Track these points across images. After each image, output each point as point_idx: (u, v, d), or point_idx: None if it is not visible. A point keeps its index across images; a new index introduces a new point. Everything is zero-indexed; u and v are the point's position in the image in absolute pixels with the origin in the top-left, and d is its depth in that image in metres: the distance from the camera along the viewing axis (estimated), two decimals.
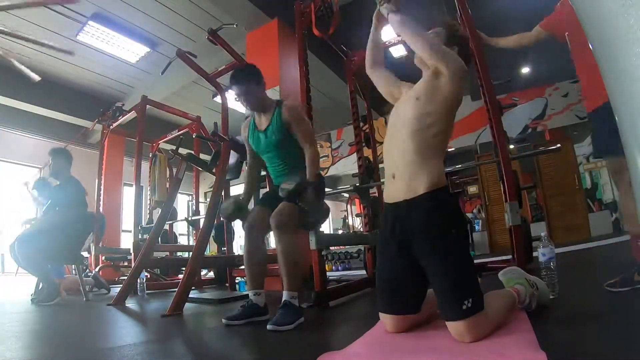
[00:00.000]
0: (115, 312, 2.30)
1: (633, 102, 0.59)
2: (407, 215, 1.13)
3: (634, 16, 0.54)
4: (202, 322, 1.97)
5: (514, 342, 0.98)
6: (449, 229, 1.09)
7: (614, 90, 0.65)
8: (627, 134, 0.63)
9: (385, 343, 1.12)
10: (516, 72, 6.66)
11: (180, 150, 2.88)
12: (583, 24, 0.71)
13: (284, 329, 1.45)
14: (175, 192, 3.09)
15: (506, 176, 2.37)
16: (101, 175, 4.74)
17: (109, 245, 5.10)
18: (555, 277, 1.54)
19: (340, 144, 7.85)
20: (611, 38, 0.61)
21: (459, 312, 1.00)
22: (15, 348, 1.37)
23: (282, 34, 4.21)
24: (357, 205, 7.59)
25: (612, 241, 4.73)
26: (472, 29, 2.50)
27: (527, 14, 5.02)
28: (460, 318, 1.00)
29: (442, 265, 1.07)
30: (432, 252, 1.08)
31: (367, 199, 3.06)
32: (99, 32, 4.86)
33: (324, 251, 2.15)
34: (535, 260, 1.82)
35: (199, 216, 4.36)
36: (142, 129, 4.03)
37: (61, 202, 3.03)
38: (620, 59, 0.60)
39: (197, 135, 3.16)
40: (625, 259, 1.90)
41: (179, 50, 2.84)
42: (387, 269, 1.21)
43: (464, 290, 1.03)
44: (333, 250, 6.42)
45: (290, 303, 1.57)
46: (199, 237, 2.39)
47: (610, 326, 1.09)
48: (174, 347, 1.38)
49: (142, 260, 2.72)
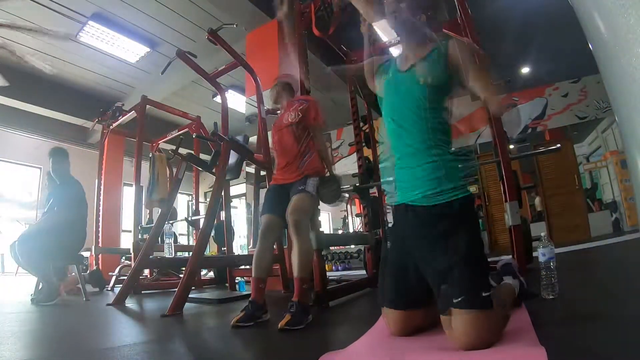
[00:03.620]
0: (115, 312, 2.30)
1: (633, 102, 0.59)
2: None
3: (634, 16, 0.54)
4: (202, 322, 1.97)
5: (514, 337, 0.98)
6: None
7: (614, 90, 0.65)
8: (627, 134, 0.63)
9: (385, 342, 1.12)
10: (516, 72, 6.66)
11: (180, 150, 2.89)
12: (583, 24, 0.71)
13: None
14: (175, 192, 3.09)
15: (506, 176, 2.37)
16: (101, 175, 4.73)
17: (109, 246, 5.10)
18: (555, 277, 1.54)
19: (340, 144, 7.85)
20: (611, 38, 0.61)
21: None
22: (15, 348, 1.37)
23: (282, 34, 4.21)
24: (357, 205, 7.58)
25: (612, 241, 4.74)
26: (472, 29, 2.50)
27: (526, 14, 5.05)
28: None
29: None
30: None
31: (367, 199, 3.06)
32: (99, 32, 4.87)
33: (324, 251, 2.15)
34: (535, 261, 1.82)
35: (199, 216, 4.36)
36: (142, 129, 4.03)
37: (61, 202, 3.03)
38: (620, 59, 0.60)
39: (197, 135, 3.15)
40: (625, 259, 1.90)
41: (179, 50, 2.84)
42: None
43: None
44: (333, 250, 6.42)
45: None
46: (199, 237, 2.39)
47: (610, 326, 1.09)
48: (174, 347, 1.38)
49: (142, 260, 2.72)
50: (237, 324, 1.59)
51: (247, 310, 1.64)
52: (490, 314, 0.99)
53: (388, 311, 1.20)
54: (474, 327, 0.97)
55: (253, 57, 4.08)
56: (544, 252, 1.55)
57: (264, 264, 1.77)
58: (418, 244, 1.14)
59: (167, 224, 3.42)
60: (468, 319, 0.98)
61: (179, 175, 2.85)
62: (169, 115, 5.42)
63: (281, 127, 1.97)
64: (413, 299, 1.16)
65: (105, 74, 5.97)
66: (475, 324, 0.97)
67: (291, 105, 2.00)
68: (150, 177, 4.30)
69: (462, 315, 0.99)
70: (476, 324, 0.97)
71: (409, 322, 1.17)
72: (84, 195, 3.16)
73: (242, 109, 5.04)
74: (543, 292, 1.54)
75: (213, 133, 2.44)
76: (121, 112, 4.52)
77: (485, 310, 0.98)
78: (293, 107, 1.97)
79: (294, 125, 1.90)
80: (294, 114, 1.92)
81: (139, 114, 4.09)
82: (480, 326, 0.97)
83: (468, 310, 0.99)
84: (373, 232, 2.99)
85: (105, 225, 4.63)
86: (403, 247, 1.20)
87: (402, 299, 1.17)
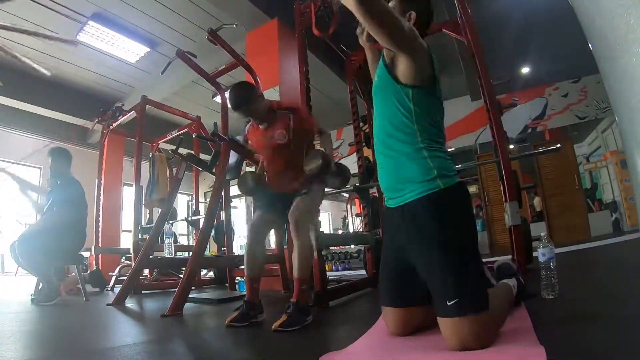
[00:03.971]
0: (115, 312, 2.30)
1: (633, 102, 0.59)
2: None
3: (634, 16, 0.54)
4: (202, 322, 1.97)
5: (513, 336, 0.98)
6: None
7: (614, 90, 0.65)
8: (626, 133, 0.63)
9: (385, 342, 1.12)
10: (516, 72, 6.67)
11: (180, 150, 2.88)
12: (583, 24, 0.71)
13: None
14: (175, 192, 3.08)
15: (506, 176, 2.37)
16: (101, 175, 4.73)
17: (109, 246, 5.10)
18: (555, 277, 1.54)
19: (340, 144, 7.86)
20: (611, 38, 0.61)
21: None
22: (15, 348, 1.37)
23: (282, 34, 4.21)
24: (357, 205, 7.59)
25: (612, 241, 4.74)
26: (472, 29, 2.50)
27: (527, 14, 5.05)
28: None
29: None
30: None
31: (367, 199, 3.06)
32: (99, 32, 4.87)
33: (324, 251, 2.15)
34: (535, 261, 1.82)
35: (199, 216, 4.36)
36: (142, 129, 4.03)
37: (61, 202, 3.03)
38: (620, 59, 0.60)
39: (197, 135, 3.15)
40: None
41: (179, 50, 2.83)
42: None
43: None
44: (333, 250, 6.42)
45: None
46: (199, 237, 2.39)
47: (610, 326, 1.09)
48: (174, 347, 1.38)
49: (142, 260, 2.72)
50: (231, 324, 1.59)
51: (242, 310, 1.64)
52: (483, 316, 0.96)
53: (387, 310, 1.18)
54: (468, 331, 0.95)
55: (253, 57, 4.08)
56: (544, 252, 1.55)
57: (256, 262, 1.75)
58: (404, 244, 1.13)
59: (167, 224, 3.42)
60: (459, 323, 0.96)
61: (179, 175, 2.85)
62: (169, 115, 5.42)
63: (271, 147, 1.84)
64: (411, 297, 1.14)
65: (105, 73, 5.97)
66: (468, 329, 0.95)
67: (276, 120, 1.83)
68: (150, 177, 4.30)
69: (454, 320, 0.96)
70: (469, 328, 0.95)
71: (408, 321, 1.15)
72: (83, 195, 3.16)
73: None
74: (543, 292, 1.54)
75: (213, 133, 2.44)
76: (121, 112, 4.51)
77: (478, 312, 0.96)
78: (278, 123, 1.81)
79: (288, 146, 1.81)
80: (282, 135, 1.79)
81: (139, 114, 4.09)
82: (474, 329, 0.95)
83: (460, 317, 0.96)
84: (373, 232, 2.99)
85: (105, 225, 4.63)
86: (394, 245, 1.19)
87: (400, 297, 1.15)
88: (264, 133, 1.86)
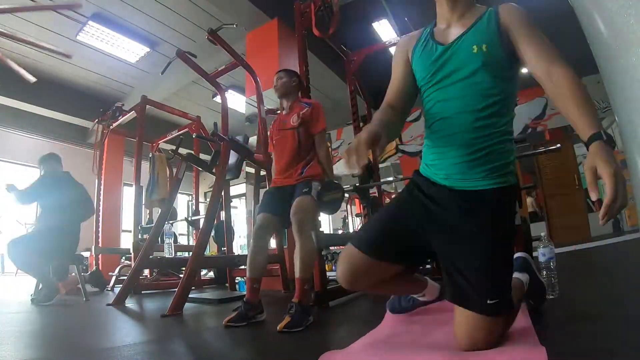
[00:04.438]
0: (115, 312, 2.30)
1: (633, 102, 0.59)
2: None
3: (634, 16, 0.54)
4: (202, 322, 1.97)
5: (514, 336, 0.98)
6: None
7: (614, 90, 0.65)
8: (627, 133, 0.63)
9: (386, 342, 1.12)
10: None
11: (180, 150, 2.88)
12: (583, 24, 0.71)
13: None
14: (175, 192, 3.08)
15: None
16: (101, 175, 4.74)
17: (109, 246, 5.10)
18: (555, 277, 1.54)
19: (340, 144, 7.85)
20: (611, 38, 0.61)
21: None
22: (15, 348, 1.37)
23: (282, 34, 4.22)
24: (357, 205, 7.58)
25: (612, 241, 4.74)
26: None
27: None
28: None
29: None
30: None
31: (367, 199, 3.06)
32: (99, 32, 4.87)
33: (324, 251, 2.15)
34: (535, 261, 1.82)
35: (199, 216, 4.36)
36: (142, 129, 4.03)
37: (60, 203, 3.03)
38: (620, 59, 0.60)
39: (197, 135, 3.14)
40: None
41: (179, 50, 2.83)
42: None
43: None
44: (333, 250, 6.42)
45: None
46: (199, 237, 2.39)
47: (610, 326, 1.09)
48: (173, 347, 1.38)
49: (142, 260, 2.71)
50: (229, 324, 1.59)
51: (240, 310, 1.64)
52: (502, 319, 0.95)
53: (352, 251, 1.06)
54: (494, 329, 0.93)
55: (253, 57, 4.09)
56: (544, 252, 1.55)
57: (258, 263, 1.75)
58: (444, 224, 1.02)
59: (167, 224, 3.41)
60: (494, 322, 0.93)
61: (179, 175, 2.85)
62: (169, 115, 5.42)
63: (284, 128, 1.94)
64: (387, 257, 1.05)
65: (105, 73, 5.98)
66: (495, 327, 0.94)
67: (296, 106, 1.96)
68: (150, 177, 4.30)
69: (488, 319, 0.92)
70: (496, 327, 0.94)
71: (363, 274, 1.05)
72: (80, 196, 3.16)
73: (242, 109, 5.04)
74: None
75: (213, 133, 2.44)
76: (121, 112, 4.51)
77: (509, 312, 0.95)
78: (297, 109, 1.94)
79: (296, 128, 1.88)
80: (296, 117, 1.90)
81: (138, 114, 4.09)
82: (499, 329, 0.95)
83: (495, 317, 0.92)
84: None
85: (105, 225, 4.63)
86: (418, 213, 1.06)
87: (379, 250, 1.05)
88: (283, 118, 1.99)
